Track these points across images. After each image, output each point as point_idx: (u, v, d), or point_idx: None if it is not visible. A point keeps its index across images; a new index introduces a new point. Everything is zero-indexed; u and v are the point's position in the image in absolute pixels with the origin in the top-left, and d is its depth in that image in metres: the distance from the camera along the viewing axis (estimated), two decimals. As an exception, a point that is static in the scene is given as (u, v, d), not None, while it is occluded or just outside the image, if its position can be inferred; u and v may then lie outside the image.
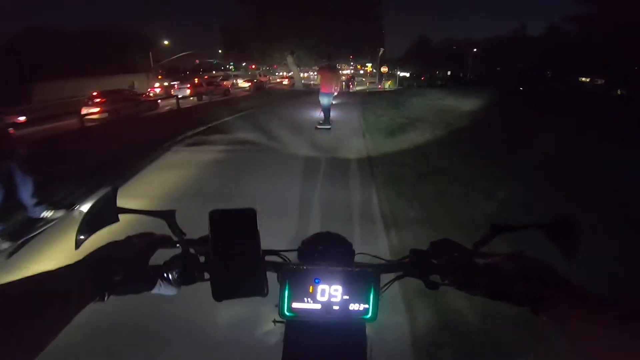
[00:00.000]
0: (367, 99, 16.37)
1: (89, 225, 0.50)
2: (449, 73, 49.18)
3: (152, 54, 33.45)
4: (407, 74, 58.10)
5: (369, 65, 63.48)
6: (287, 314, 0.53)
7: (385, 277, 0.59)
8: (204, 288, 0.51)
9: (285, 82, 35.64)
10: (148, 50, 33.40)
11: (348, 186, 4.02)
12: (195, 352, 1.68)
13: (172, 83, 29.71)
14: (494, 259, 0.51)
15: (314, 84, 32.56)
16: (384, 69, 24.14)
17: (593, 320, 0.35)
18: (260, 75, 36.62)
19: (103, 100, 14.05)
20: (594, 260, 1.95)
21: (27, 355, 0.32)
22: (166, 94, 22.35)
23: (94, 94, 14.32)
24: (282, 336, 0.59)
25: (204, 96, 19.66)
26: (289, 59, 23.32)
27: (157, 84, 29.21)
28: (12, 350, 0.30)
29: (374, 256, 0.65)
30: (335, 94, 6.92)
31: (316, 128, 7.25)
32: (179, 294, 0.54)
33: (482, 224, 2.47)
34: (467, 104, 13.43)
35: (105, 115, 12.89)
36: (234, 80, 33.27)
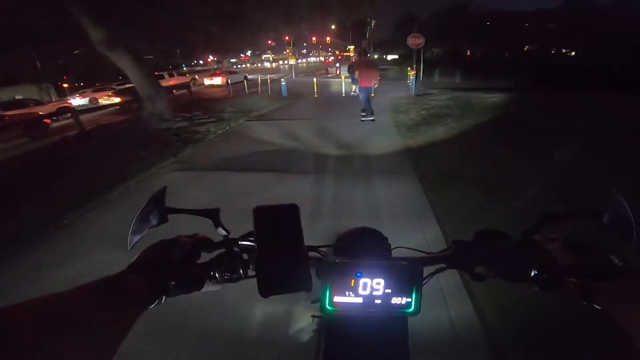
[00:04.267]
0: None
1: (141, 225, 0.51)
2: (468, 53, 34.09)
3: (40, 53, 18.77)
4: (397, 57, 46.77)
5: (352, 48, 49.21)
6: (329, 308, 0.51)
7: (426, 270, 0.55)
8: (242, 284, 0.53)
9: (217, 81, 20.73)
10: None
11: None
12: (231, 345, 1.71)
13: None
14: (544, 249, 0.47)
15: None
16: (417, 40, 9.24)
17: None
18: (173, 76, 21.17)
19: None
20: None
21: None
22: None
23: None
24: (319, 331, 0.62)
25: None
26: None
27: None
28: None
29: (412, 249, 0.62)
30: (375, 86, 6.61)
31: (361, 120, 6.94)
32: (222, 289, 0.54)
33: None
34: None
35: None
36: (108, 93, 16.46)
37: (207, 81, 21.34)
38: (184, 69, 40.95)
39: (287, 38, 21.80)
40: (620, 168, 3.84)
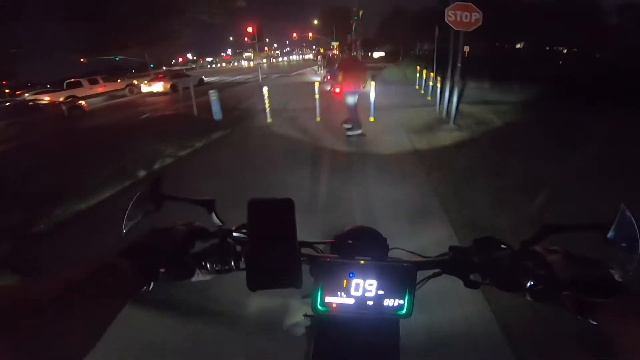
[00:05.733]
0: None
1: (136, 210, 0.51)
2: (466, 49, 29.35)
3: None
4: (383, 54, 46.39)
5: (336, 44, 44.54)
6: (320, 307, 0.51)
7: (420, 274, 0.55)
8: (233, 276, 0.52)
9: (158, 87, 15.48)
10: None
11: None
12: (222, 342, 1.65)
13: None
14: (542, 260, 0.47)
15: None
16: (471, 16, 4.65)
17: None
18: (97, 83, 15.44)
19: None
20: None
21: (82, 347, 0.31)
22: None
23: None
24: (309, 330, 0.62)
25: None
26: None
27: None
28: (66, 344, 0.29)
29: (409, 251, 0.62)
30: (363, 89, 5.32)
31: (347, 135, 5.42)
32: (212, 279, 0.54)
33: None
34: None
35: None
36: None
37: (145, 88, 15.90)
38: (169, 69, 34.25)
39: (250, 30, 16.87)
40: None
